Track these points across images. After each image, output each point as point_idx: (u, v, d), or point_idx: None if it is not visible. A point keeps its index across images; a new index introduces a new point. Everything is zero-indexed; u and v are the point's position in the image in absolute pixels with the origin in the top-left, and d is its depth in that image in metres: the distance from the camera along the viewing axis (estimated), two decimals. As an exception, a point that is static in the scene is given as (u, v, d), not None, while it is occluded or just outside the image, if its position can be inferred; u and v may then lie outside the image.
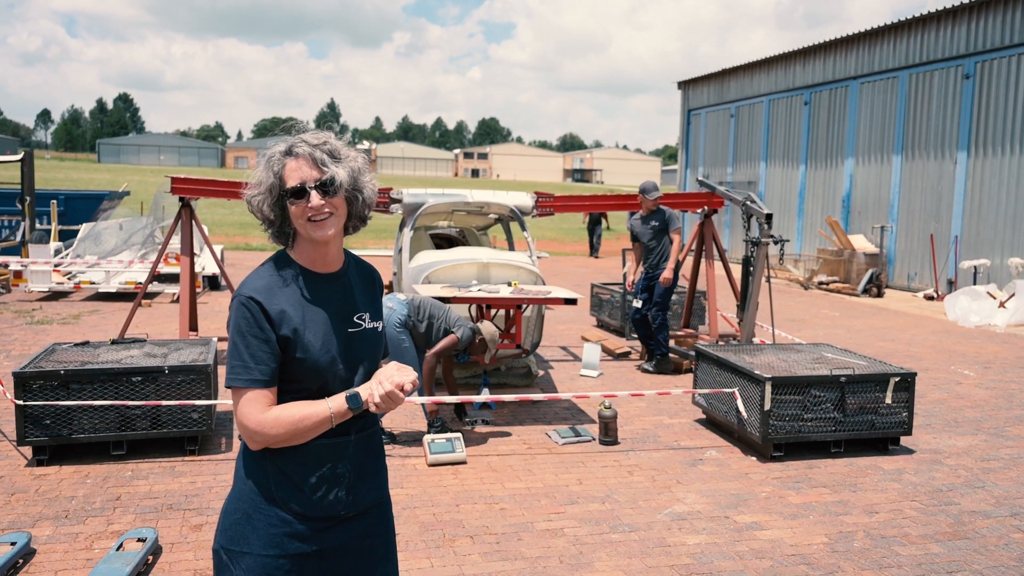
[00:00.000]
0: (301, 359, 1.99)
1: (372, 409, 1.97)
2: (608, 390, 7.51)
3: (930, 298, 15.21)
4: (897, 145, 17.12)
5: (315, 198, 1.98)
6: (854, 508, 4.93)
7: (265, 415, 1.94)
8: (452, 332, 5.92)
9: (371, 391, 1.96)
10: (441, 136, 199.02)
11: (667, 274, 8.27)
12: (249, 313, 1.97)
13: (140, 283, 12.12)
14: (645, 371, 8.37)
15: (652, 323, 8.38)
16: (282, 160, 2.01)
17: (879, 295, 15.56)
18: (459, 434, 5.74)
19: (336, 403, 1.97)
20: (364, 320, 2.13)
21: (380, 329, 2.18)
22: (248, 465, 2.04)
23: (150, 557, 3.99)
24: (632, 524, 4.61)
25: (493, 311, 6.81)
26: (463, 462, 5.50)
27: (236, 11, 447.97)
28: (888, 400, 5.85)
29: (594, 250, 22.82)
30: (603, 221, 23.69)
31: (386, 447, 5.78)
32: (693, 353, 6.89)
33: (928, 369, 8.96)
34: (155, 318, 10.66)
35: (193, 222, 8.03)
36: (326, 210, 1.99)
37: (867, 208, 17.94)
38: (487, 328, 6.15)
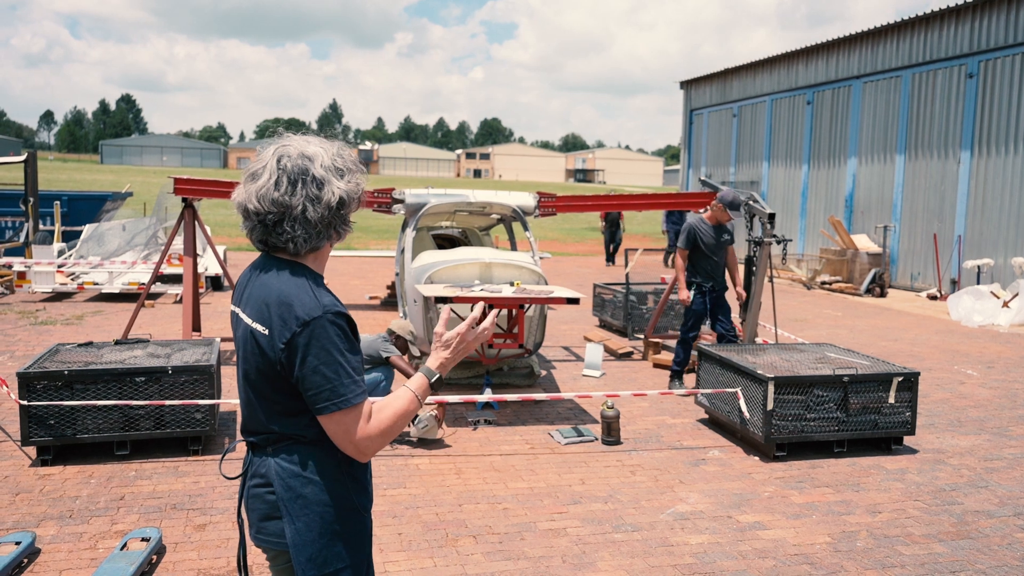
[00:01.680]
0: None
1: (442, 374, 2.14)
2: (610, 390, 7.51)
3: (933, 298, 15.19)
4: (900, 144, 17.10)
5: None
6: (857, 508, 4.93)
7: (374, 422, 2.01)
8: (387, 356, 5.99)
9: (440, 361, 2.13)
10: (443, 136, 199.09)
11: (742, 291, 7.93)
12: (340, 330, 1.99)
13: (143, 284, 12.13)
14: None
15: (686, 335, 7.71)
16: None
17: (882, 295, 15.54)
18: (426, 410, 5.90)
19: (416, 383, 2.09)
20: None
21: None
22: (326, 488, 2.04)
23: (154, 557, 4.00)
24: (635, 524, 4.61)
25: (496, 311, 6.81)
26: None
27: (238, 12, 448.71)
28: (891, 400, 5.85)
29: (610, 257, 20.24)
30: (621, 224, 20.59)
31: (386, 448, 5.79)
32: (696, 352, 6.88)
33: (931, 369, 8.95)
34: (158, 319, 10.68)
35: (196, 223, 8.04)
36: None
37: (870, 208, 17.92)
38: (397, 324, 6.28)
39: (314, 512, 2.03)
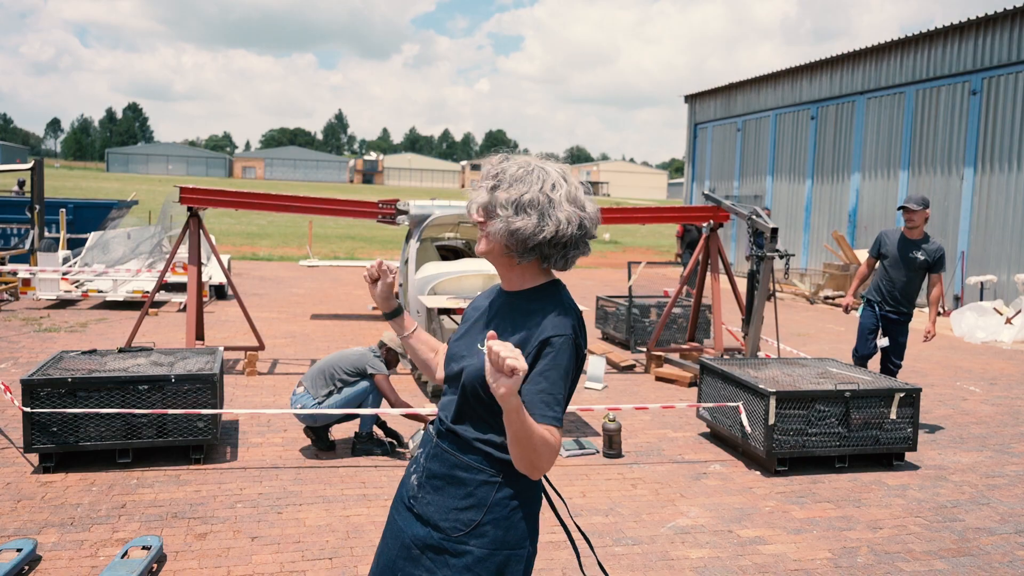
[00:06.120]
0: None
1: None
2: (612, 403, 7.51)
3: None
4: (904, 160, 17.13)
5: (474, 216, 2.15)
6: (858, 523, 4.92)
7: None
8: (372, 373, 5.76)
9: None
10: (448, 148, 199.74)
11: (933, 328, 7.11)
12: None
13: (147, 292, 12.17)
14: None
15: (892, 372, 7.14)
16: None
17: (885, 310, 15.51)
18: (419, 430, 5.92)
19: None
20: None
21: None
22: None
23: (154, 565, 4.01)
24: (635, 537, 4.61)
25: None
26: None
27: (246, 22, 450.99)
28: (893, 415, 5.84)
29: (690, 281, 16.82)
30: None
31: (386, 459, 5.79)
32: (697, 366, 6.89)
33: (933, 385, 8.94)
34: (162, 327, 10.70)
35: (201, 232, 8.08)
36: (481, 229, 2.13)
37: (873, 223, 17.93)
38: (388, 336, 5.99)
39: None
